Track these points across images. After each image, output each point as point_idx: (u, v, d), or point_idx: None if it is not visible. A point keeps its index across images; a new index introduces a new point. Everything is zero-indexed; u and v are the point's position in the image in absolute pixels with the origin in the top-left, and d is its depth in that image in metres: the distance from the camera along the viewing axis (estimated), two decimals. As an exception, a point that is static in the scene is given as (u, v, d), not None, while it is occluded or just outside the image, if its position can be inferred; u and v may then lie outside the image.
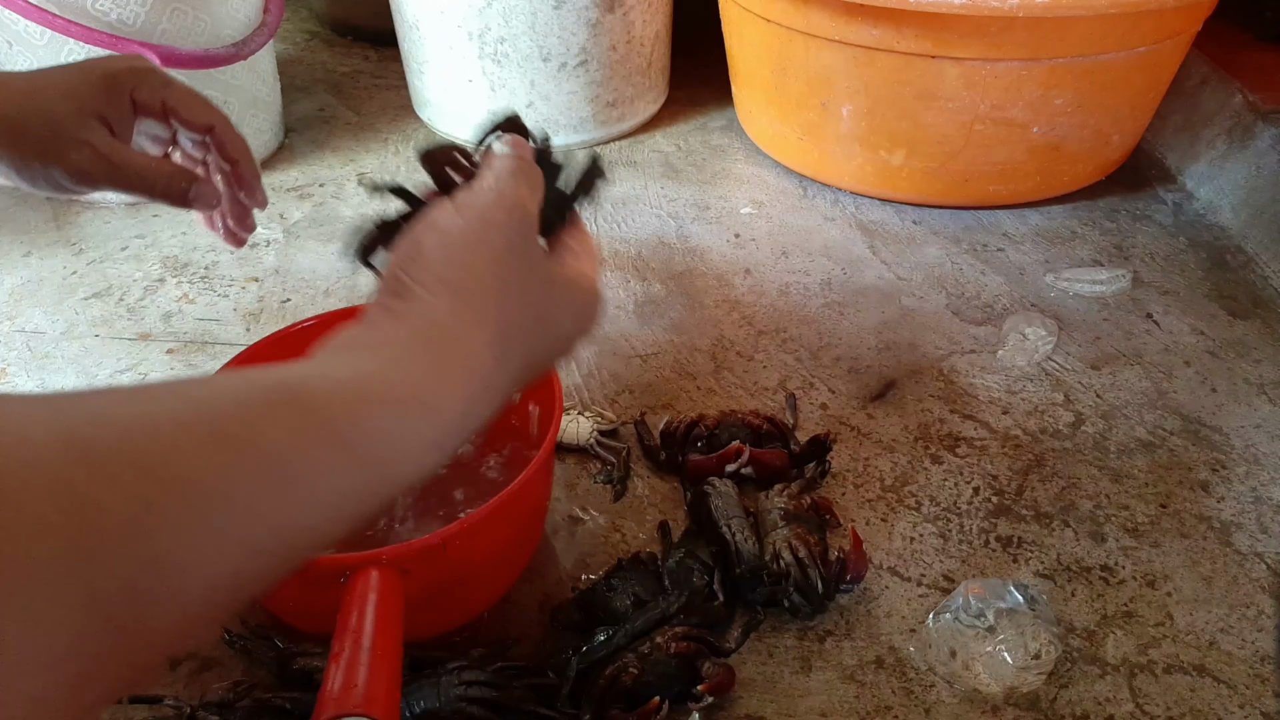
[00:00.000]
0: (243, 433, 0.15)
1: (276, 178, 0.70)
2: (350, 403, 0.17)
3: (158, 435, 0.14)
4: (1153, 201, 0.68)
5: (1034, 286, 0.59)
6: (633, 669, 0.33)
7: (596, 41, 0.68)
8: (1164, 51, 0.60)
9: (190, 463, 0.14)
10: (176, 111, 0.33)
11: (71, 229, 0.64)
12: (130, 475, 0.13)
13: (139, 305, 0.57)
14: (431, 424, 0.19)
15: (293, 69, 0.86)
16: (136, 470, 0.13)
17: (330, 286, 0.59)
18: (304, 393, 0.17)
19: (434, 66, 0.71)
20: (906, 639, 0.37)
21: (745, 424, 0.44)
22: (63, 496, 0.12)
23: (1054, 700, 0.35)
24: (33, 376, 0.51)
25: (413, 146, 0.73)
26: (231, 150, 0.35)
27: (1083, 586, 0.40)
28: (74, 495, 0.12)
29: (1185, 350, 0.54)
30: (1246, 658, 0.37)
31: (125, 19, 0.57)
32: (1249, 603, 0.39)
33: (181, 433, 0.14)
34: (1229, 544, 0.42)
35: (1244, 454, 0.47)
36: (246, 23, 0.64)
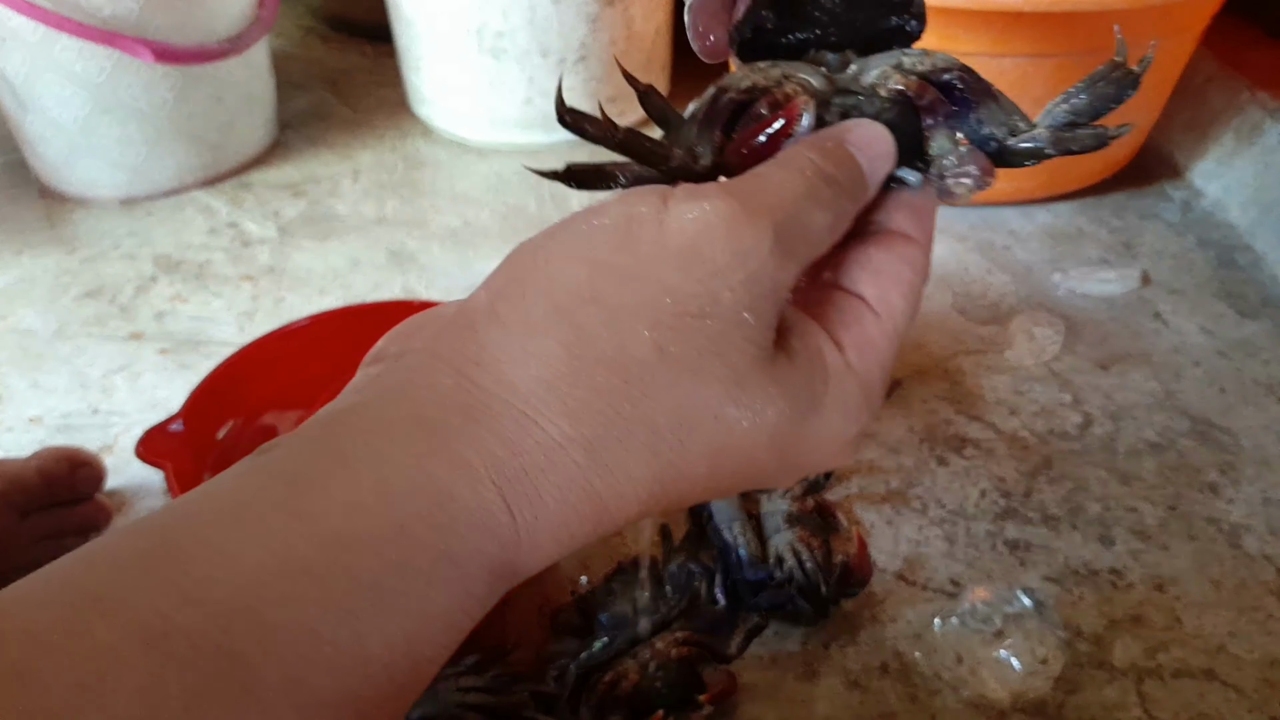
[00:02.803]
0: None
1: (271, 175, 0.69)
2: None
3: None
4: (1160, 199, 0.67)
5: (1041, 285, 0.59)
6: (633, 675, 0.33)
7: (596, 36, 0.68)
8: (1171, 48, 0.59)
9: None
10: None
11: (64, 227, 0.63)
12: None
13: (131, 304, 0.56)
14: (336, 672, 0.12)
15: (287, 65, 0.85)
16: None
17: (326, 286, 0.58)
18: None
19: (431, 62, 0.70)
20: (912, 644, 0.37)
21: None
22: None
23: (1061, 706, 0.35)
24: (25, 376, 0.51)
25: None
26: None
27: (1090, 590, 0.39)
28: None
29: (1194, 350, 0.53)
30: (1255, 662, 0.36)
31: (119, 14, 0.56)
32: (1258, 606, 0.39)
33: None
34: (1238, 547, 0.41)
35: (1253, 455, 0.46)
36: (241, 18, 0.64)
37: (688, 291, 0.14)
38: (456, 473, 0.14)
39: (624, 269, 0.14)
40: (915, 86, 0.19)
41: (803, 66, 0.20)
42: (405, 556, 0.13)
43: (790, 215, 0.15)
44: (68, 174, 0.64)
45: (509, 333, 0.14)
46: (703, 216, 0.15)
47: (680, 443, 0.14)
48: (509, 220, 0.65)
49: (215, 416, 0.41)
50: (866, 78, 0.19)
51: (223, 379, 0.41)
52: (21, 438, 0.47)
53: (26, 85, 0.59)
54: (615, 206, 0.15)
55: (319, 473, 0.13)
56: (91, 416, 0.48)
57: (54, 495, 0.38)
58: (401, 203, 0.66)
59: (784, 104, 0.18)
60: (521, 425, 0.14)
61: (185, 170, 0.65)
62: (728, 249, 0.14)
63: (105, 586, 0.12)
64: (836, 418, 0.16)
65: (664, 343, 0.14)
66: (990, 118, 0.19)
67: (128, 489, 0.44)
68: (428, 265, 0.60)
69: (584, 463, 0.14)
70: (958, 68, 0.19)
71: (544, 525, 0.14)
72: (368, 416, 0.14)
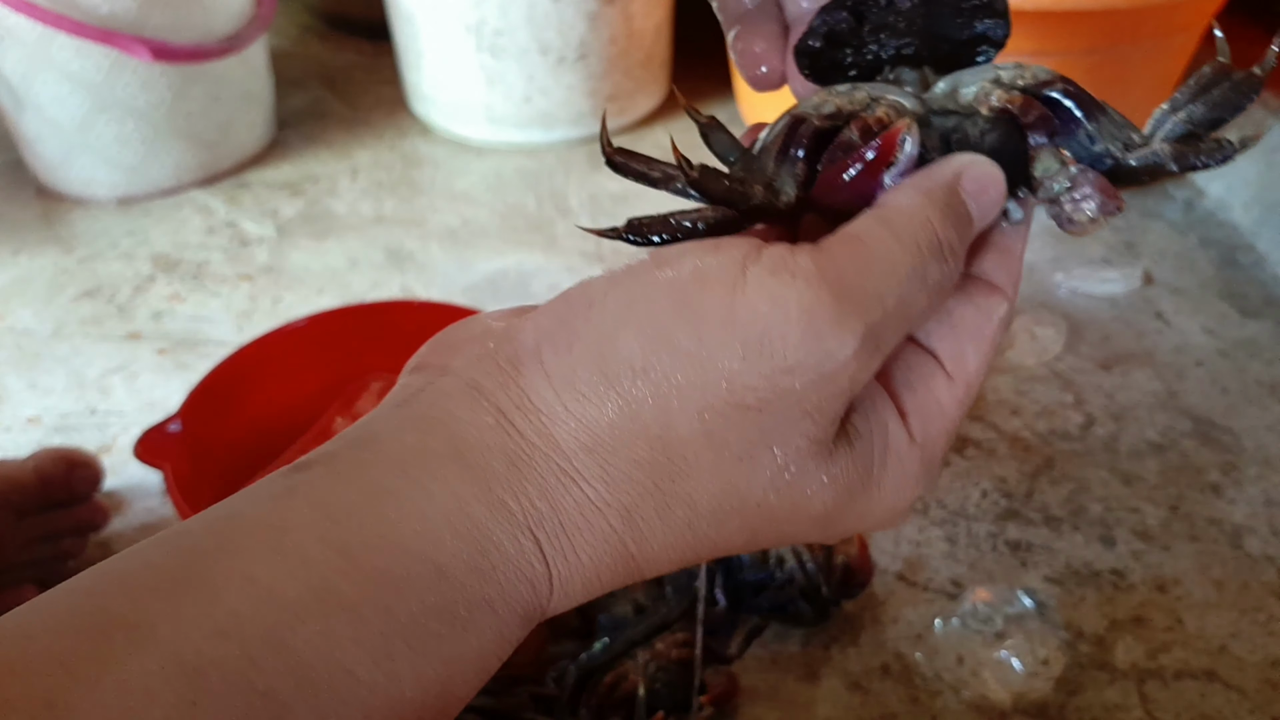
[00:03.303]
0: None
1: (268, 174, 0.69)
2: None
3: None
4: (1162, 199, 0.67)
5: (1043, 285, 0.58)
6: (633, 676, 0.32)
7: (596, 34, 0.67)
8: (1173, 46, 0.59)
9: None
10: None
11: (61, 226, 0.63)
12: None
13: (129, 304, 0.56)
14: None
15: (285, 63, 0.85)
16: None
17: (324, 285, 0.58)
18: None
19: (429, 60, 0.70)
20: (913, 645, 0.37)
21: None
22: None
23: (1063, 707, 0.34)
24: (22, 377, 0.51)
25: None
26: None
27: (1092, 591, 0.39)
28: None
29: (1196, 350, 0.53)
30: (1257, 663, 0.36)
31: (117, 13, 0.56)
32: (1260, 607, 0.38)
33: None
34: (1240, 547, 0.41)
35: (1255, 456, 0.46)
36: (239, 16, 0.63)
37: (748, 383, 0.13)
38: (497, 519, 0.13)
39: (682, 346, 0.13)
40: (1020, 103, 0.16)
41: (888, 88, 0.17)
42: (444, 600, 0.13)
43: (889, 311, 0.13)
44: (65, 173, 0.64)
45: (553, 387, 0.14)
46: (782, 302, 0.13)
47: (719, 522, 0.14)
48: (508, 219, 0.64)
49: (213, 417, 0.41)
50: (964, 94, 0.17)
51: (221, 379, 0.41)
52: (19, 438, 0.47)
53: (24, 84, 0.59)
54: (688, 260, 0.14)
55: (359, 505, 0.13)
56: (89, 417, 0.48)
57: (51, 496, 0.38)
58: (400, 202, 0.66)
59: (877, 130, 0.16)
60: (562, 482, 0.14)
61: (183, 169, 0.65)
62: (803, 347, 0.13)
63: (137, 613, 0.11)
64: (890, 494, 0.15)
65: (714, 428, 0.13)
66: (1101, 132, 0.17)
67: (125, 489, 0.43)
68: (426, 264, 0.60)
69: (620, 527, 0.14)
70: (1060, 79, 0.17)
71: (576, 576, 0.14)
72: (408, 445, 0.14)
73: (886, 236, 0.14)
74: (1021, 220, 0.17)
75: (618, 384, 0.13)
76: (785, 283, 0.13)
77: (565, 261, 0.60)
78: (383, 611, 0.12)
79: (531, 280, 0.58)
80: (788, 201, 0.16)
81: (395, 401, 0.15)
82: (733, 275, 0.13)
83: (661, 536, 0.14)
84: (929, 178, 0.15)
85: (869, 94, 0.17)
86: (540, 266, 0.59)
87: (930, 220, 0.14)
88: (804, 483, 0.14)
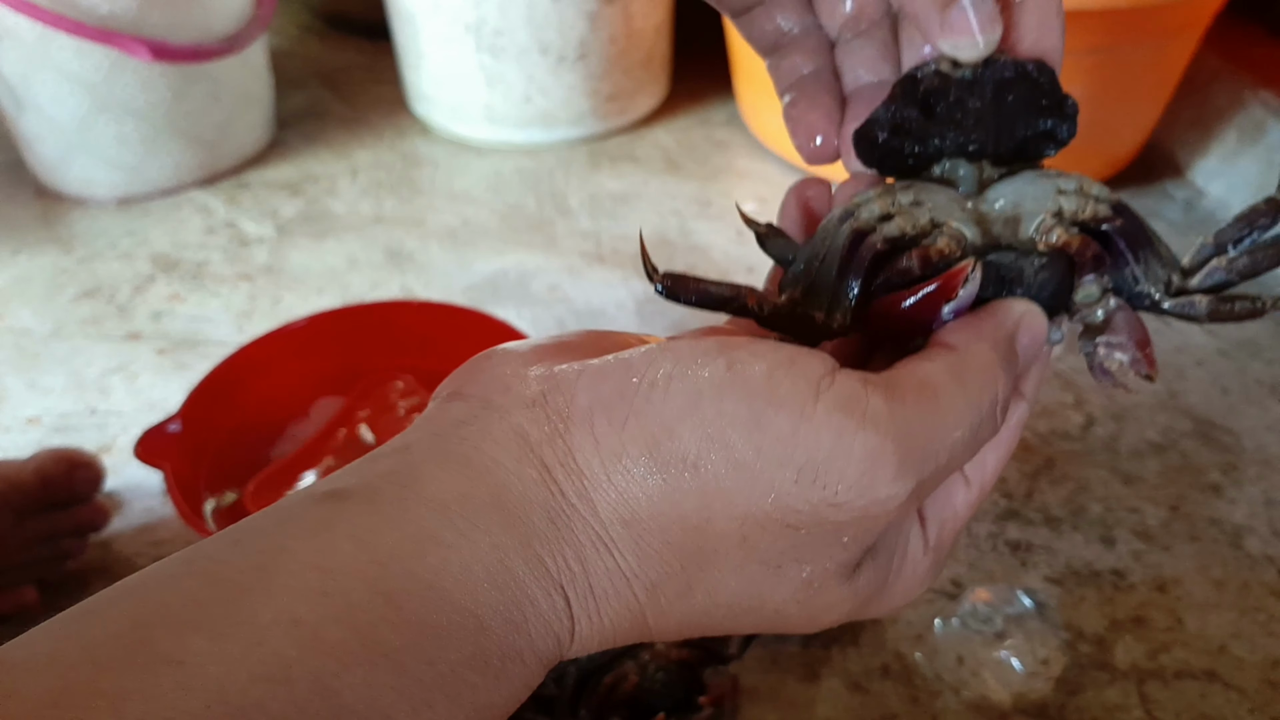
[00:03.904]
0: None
1: (268, 174, 0.69)
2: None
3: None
4: (1163, 198, 0.67)
5: (1041, 284, 0.58)
6: (632, 676, 0.32)
7: (596, 34, 0.67)
8: (1174, 46, 0.59)
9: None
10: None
11: (61, 226, 0.63)
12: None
13: (129, 304, 0.56)
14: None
15: (285, 63, 0.85)
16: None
17: (323, 285, 0.58)
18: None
19: (429, 60, 0.70)
20: (913, 646, 0.37)
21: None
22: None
23: (1063, 707, 0.34)
24: (22, 377, 0.51)
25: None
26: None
27: (1092, 591, 0.39)
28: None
29: (1196, 350, 0.53)
30: (1257, 663, 0.36)
31: (116, 12, 0.56)
32: (1260, 607, 0.38)
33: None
34: (1240, 548, 0.41)
35: (1255, 456, 0.46)
36: (238, 16, 0.63)
37: (793, 505, 0.13)
38: (533, 574, 0.14)
39: (738, 454, 0.13)
40: (1079, 244, 0.17)
41: (944, 197, 0.17)
42: (481, 650, 0.13)
43: (942, 466, 0.14)
44: (64, 173, 0.64)
45: (600, 455, 0.14)
46: (847, 441, 0.13)
47: (735, 614, 0.15)
48: (508, 219, 0.64)
49: (213, 417, 0.41)
50: (1025, 229, 0.17)
51: (221, 379, 0.41)
52: (19, 438, 0.47)
53: (23, 84, 0.59)
54: (760, 366, 0.14)
55: (403, 549, 0.13)
56: (89, 417, 0.48)
57: (52, 497, 0.38)
58: (399, 201, 0.66)
59: (938, 261, 0.16)
60: (596, 548, 0.14)
61: (182, 169, 0.65)
62: (856, 488, 0.13)
63: (182, 651, 0.11)
64: (899, 595, 0.16)
65: (750, 533, 0.14)
66: (1147, 274, 0.17)
67: (125, 490, 0.43)
68: (426, 264, 0.60)
69: (643, 599, 0.14)
70: (1118, 213, 0.17)
71: (595, 634, 0.15)
72: (452, 490, 0.13)
73: (958, 394, 0.14)
74: (1060, 341, 0.18)
75: (666, 471, 0.14)
76: (855, 422, 0.13)
77: (565, 261, 0.60)
78: (424, 662, 0.12)
79: (531, 280, 0.58)
80: (843, 324, 0.16)
81: (434, 430, 0.15)
82: (804, 397, 0.13)
83: (679, 614, 0.15)
84: (996, 327, 0.16)
85: (930, 217, 0.17)
86: (540, 266, 0.59)
87: (998, 380, 0.15)
88: (825, 597, 0.15)
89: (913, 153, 0.18)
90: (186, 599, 0.12)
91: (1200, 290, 0.18)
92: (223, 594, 0.12)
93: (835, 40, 0.20)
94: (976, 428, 0.14)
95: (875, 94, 0.18)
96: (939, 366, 0.15)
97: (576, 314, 0.55)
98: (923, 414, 0.14)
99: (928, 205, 0.17)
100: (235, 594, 0.12)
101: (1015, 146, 0.18)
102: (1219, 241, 0.18)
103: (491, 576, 0.13)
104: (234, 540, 0.13)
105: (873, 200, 0.17)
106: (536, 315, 0.55)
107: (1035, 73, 0.18)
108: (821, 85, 0.19)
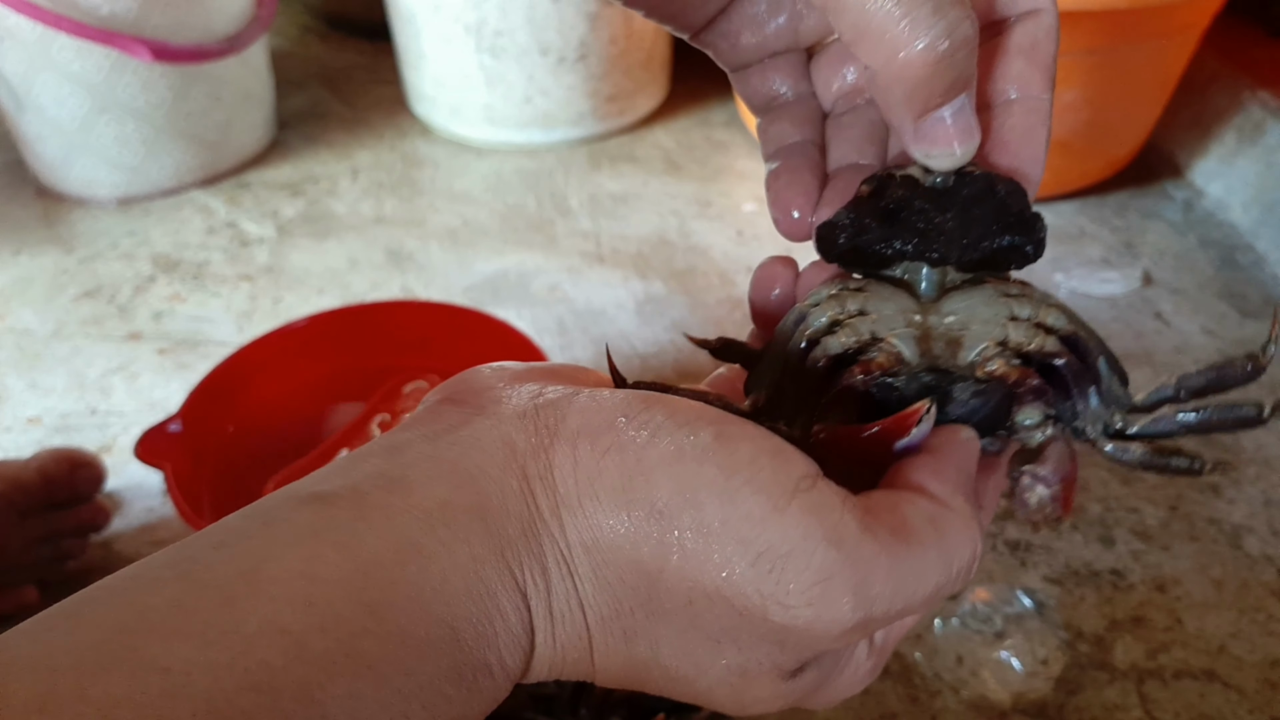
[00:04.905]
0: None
1: (269, 174, 0.69)
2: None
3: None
4: (1162, 199, 0.67)
5: (1043, 285, 0.57)
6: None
7: (596, 35, 0.67)
8: (1174, 47, 0.59)
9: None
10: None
11: (62, 227, 0.63)
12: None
13: (130, 304, 0.56)
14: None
15: (286, 63, 0.85)
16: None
17: (324, 286, 0.58)
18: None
19: (430, 60, 0.70)
20: (913, 645, 0.37)
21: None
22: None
23: (1062, 707, 0.34)
24: (23, 377, 0.51)
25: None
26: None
27: (1091, 591, 0.39)
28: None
29: (1195, 350, 0.53)
30: (1256, 663, 0.36)
31: (117, 13, 0.56)
32: (1259, 607, 0.38)
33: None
34: (1239, 548, 0.41)
35: (1254, 456, 0.46)
36: (239, 16, 0.63)
37: (743, 589, 0.13)
38: (504, 586, 0.14)
39: (706, 518, 0.13)
40: (1017, 376, 0.16)
41: (893, 307, 0.17)
42: (455, 663, 0.13)
43: (895, 612, 0.14)
44: (65, 173, 0.64)
45: (576, 476, 0.14)
46: (810, 548, 0.13)
47: (670, 680, 0.15)
48: (508, 219, 0.64)
49: (214, 417, 0.41)
50: (966, 354, 0.17)
51: (221, 379, 0.41)
52: (20, 438, 0.47)
53: (24, 84, 0.59)
54: (747, 449, 0.14)
55: (387, 559, 0.13)
56: (90, 417, 0.48)
57: (54, 496, 0.38)
58: (400, 202, 0.66)
59: (878, 374, 0.16)
60: (559, 567, 0.14)
61: (183, 170, 0.65)
62: (804, 597, 0.13)
63: (169, 658, 0.11)
64: (836, 693, 0.16)
65: (696, 600, 0.14)
66: (1087, 412, 0.17)
67: (126, 489, 0.44)
68: (426, 265, 0.60)
69: (594, 631, 0.14)
70: (1069, 347, 0.17)
71: (547, 657, 0.15)
72: (438, 498, 0.14)
73: (932, 550, 0.14)
74: (996, 452, 0.17)
75: (633, 509, 0.14)
76: (823, 532, 0.13)
77: (565, 262, 0.60)
78: (404, 673, 0.12)
79: (531, 280, 0.58)
80: (803, 438, 0.16)
81: (425, 433, 0.15)
82: (782, 489, 0.14)
83: (622, 660, 0.15)
84: (968, 477, 0.16)
85: (872, 331, 0.17)
86: (540, 267, 0.59)
87: (976, 543, 0.15)
88: (756, 691, 0.15)
89: (873, 254, 0.18)
90: (172, 604, 0.12)
91: (1142, 436, 0.17)
92: (209, 600, 0.12)
93: (829, 111, 0.20)
94: (942, 585, 0.14)
95: (856, 176, 0.18)
96: (921, 514, 0.14)
97: (576, 314, 0.55)
98: (892, 558, 0.14)
99: (873, 316, 0.17)
100: (222, 601, 0.12)
101: (979, 257, 0.17)
102: (1181, 386, 0.17)
103: (468, 588, 0.13)
104: (218, 543, 0.13)
105: (824, 304, 0.17)
106: (537, 315, 0.55)
107: (1004, 193, 0.17)
108: (805, 159, 0.19)
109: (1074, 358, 0.17)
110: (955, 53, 0.15)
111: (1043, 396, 0.17)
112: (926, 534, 0.14)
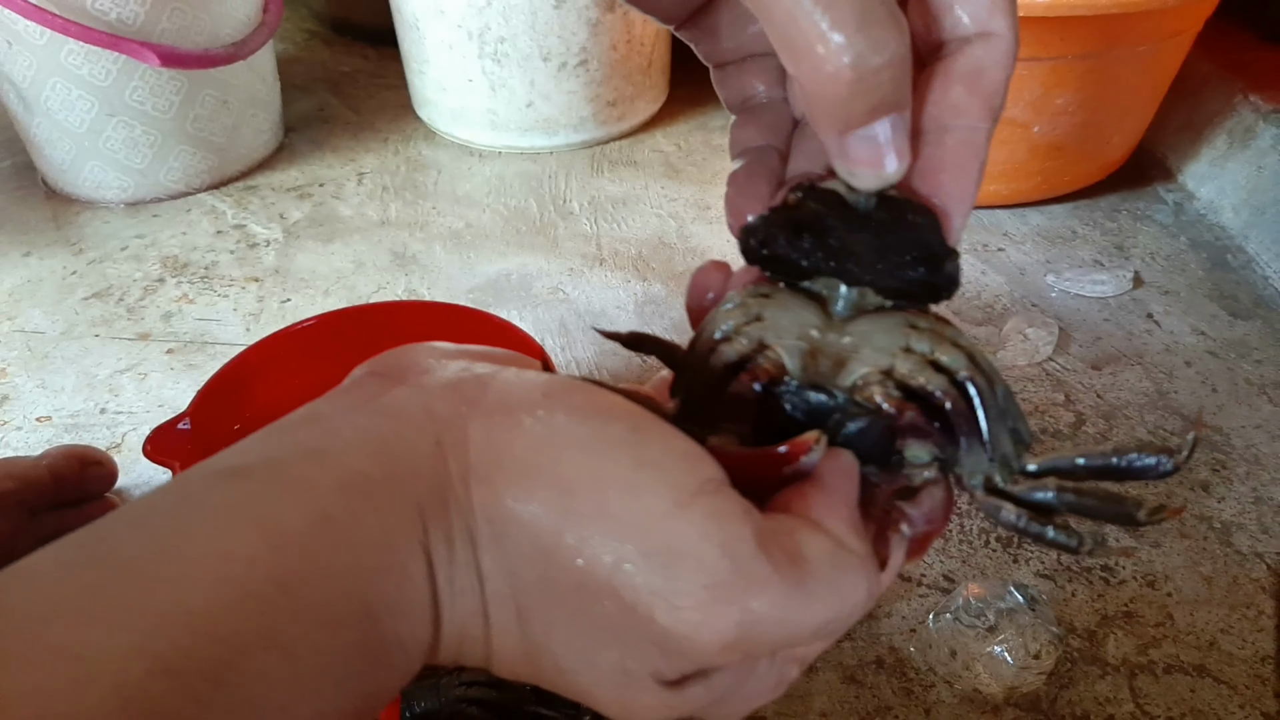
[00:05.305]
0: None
1: (276, 177, 0.70)
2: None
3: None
4: (1154, 201, 0.68)
5: (1035, 287, 0.59)
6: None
7: (597, 41, 0.68)
8: (1166, 50, 0.60)
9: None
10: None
11: (71, 228, 0.64)
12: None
13: (138, 305, 0.57)
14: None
15: (292, 68, 0.86)
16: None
17: (330, 287, 0.58)
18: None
19: (434, 65, 0.71)
20: (907, 639, 0.37)
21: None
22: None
23: (1054, 701, 0.35)
24: (33, 376, 0.51)
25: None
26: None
27: (1083, 587, 0.40)
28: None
29: (1186, 350, 0.54)
30: (1247, 658, 0.37)
31: (125, 18, 0.57)
32: (1249, 603, 0.39)
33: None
34: (1229, 544, 0.42)
35: (1244, 454, 0.47)
36: (246, 22, 0.64)
37: (629, 583, 0.13)
38: (414, 555, 0.14)
39: (608, 502, 0.13)
40: (895, 405, 0.16)
41: (794, 319, 0.17)
42: (366, 637, 0.13)
43: (779, 643, 0.14)
44: (74, 177, 0.65)
45: (488, 447, 0.14)
46: (706, 547, 0.13)
47: (560, 672, 0.15)
48: (511, 222, 0.65)
49: (222, 415, 0.42)
50: (847, 376, 0.16)
51: (229, 378, 0.42)
52: (29, 437, 0.47)
53: (33, 89, 0.60)
54: (658, 447, 0.14)
55: (301, 533, 0.13)
56: (99, 416, 0.49)
57: (64, 494, 0.38)
58: (404, 205, 0.67)
59: (763, 380, 0.16)
60: (463, 536, 0.14)
61: (191, 173, 0.66)
62: (687, 601, 0.13)
63: (80, 644, 0.11)
64: (737, 708, 0.16)
65: (587, 584, 0.13)
66: (969, 459, 0.16)
67: (135, 488, 0.44)
68: (430, 267, 0.60)
69: (491, 606, 0.14)
70: (959, 391, 0.16)
71: (451, 635, 0.14)
72: (354, 469, 0.14)
73: (825, 584, 0.14)
74: (883, 485, 0.17)
75: (535, 485, 0.14)
76: (719, 538, 0.13)
77: (567, 263, 0.61)
78: (315, 650, 0.12)
79: (534, 282, 0.59)
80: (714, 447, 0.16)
81: (347, 404, 0.15)
82: (687, 489, 0.14)
83: (515, 642, 0.14)
84: (852, 509, 0.15)
85: (761, 338, 0.17)
86: (542, 268, 0.60)
87: (872, 588, 0.15)
88: (641, 698, 0.14)
89: (791, 263, 0.17)
90: (84, 589, 0.12)
91: (1020, 501, 0.17)
92: (122, 583, 0.12)
93: (800, 118, 0.20)
94: (830, 623, 0.14)
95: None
96: (818, 549, 0.14)
97: (578, 314, 0.56)
98: (785, 583, 0.13)
99: (769, 323, 0.17)
100: (135, 582, 0.12)
101: (897, 287, 0.17)
102: (1075, 469, 0.17)
103: (379, 560, 0.13)
104: (133, 522, 0.13)
105: (732, 310, 0.17)
106: (539, 316, 0.56)
107: (921, 224, 0.16)
108: (763, 165, 0.19)
109: (961, 402, 0.16)
110: (879, 72, 0.14)
111: (924, 435, 0.16)
112: (822, 569, 0.14)
